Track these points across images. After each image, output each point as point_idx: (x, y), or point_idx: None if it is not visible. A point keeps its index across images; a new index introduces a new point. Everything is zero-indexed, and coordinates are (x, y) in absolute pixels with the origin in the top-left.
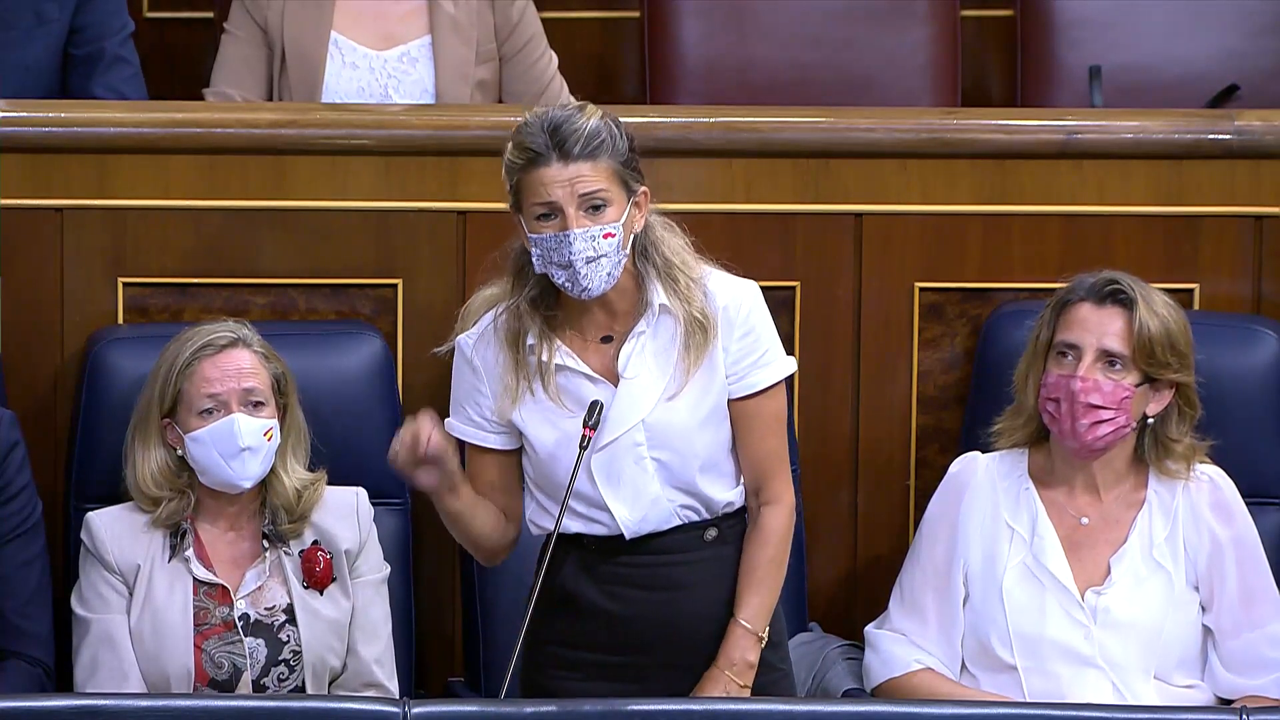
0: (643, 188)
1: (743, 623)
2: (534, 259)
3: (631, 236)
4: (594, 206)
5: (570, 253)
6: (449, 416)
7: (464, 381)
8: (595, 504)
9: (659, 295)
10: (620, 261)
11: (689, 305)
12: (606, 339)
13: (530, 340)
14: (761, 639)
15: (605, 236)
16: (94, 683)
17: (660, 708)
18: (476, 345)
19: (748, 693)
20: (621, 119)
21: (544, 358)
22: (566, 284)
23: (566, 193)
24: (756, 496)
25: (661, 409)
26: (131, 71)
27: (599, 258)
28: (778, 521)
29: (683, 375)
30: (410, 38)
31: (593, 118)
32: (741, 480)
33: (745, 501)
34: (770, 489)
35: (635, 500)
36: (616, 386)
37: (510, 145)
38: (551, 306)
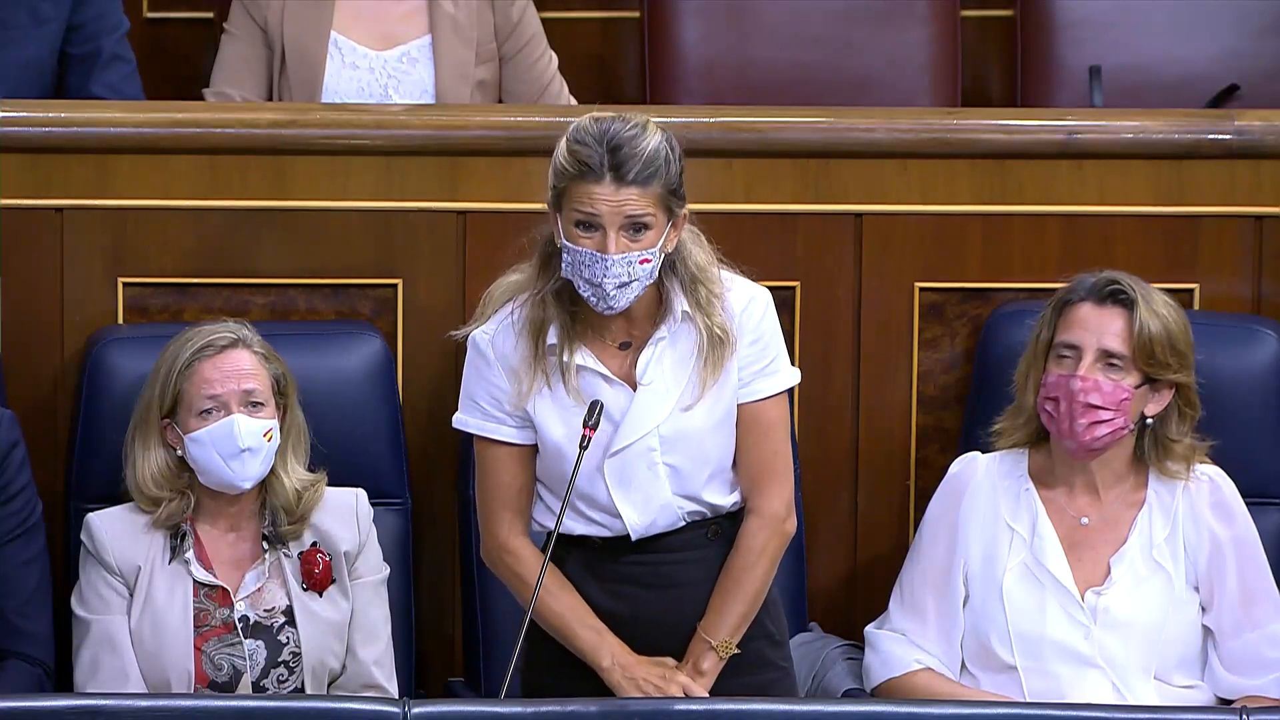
0: (684, 210)
1: (699, 630)
2: (564, 264)
3: (663, 255)
4: (635, 229)
5: (605, 275)
6: (458, 412)
7: (477, 375)
8: (605, 509)
9: (682, 303)
10: (647, 284)
11: (710, 318)
12: (625, 345)
13: (552, 339)
14: (715, 646)
15: (642, 262)
16: (94, 683)
17: (660, 708)
18: (494, 339)
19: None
20: None
21: (565, 358)
22: (591, 298)
23: (613, 213)
24: (746, 505)
25: (677, 417)
26: (129, 69)
27: (630, 282)
28: (750, 532)
29: (699, 386)
30: (410, 38)
31: (653, 138)
32: None
33: None
34: (755, 497)
35: (645, 505)
36: (634, 391)
37: (565, 148)
38: (575, 301)
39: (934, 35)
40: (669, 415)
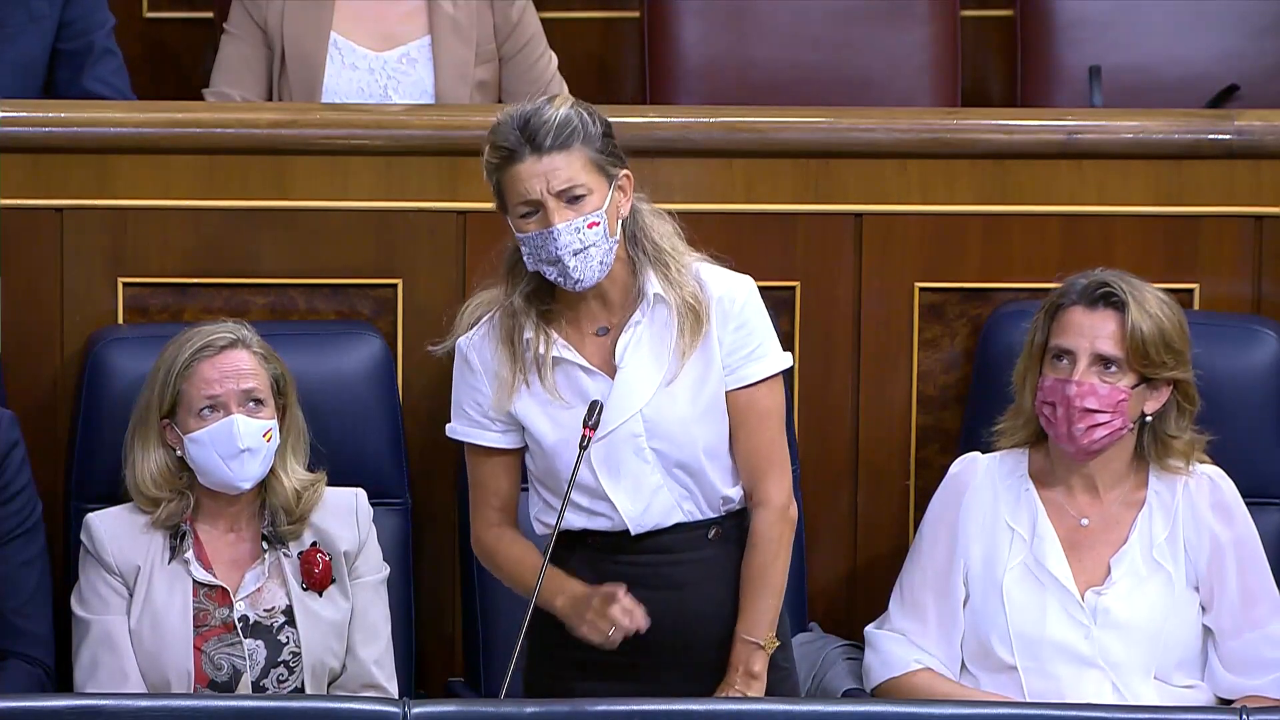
0: (624, 171)
1: (741, 634)
2: (525, 258)
3: (619, 222)
4: (574, 198)
5: (556, 248)
6: (450, 421)
7: (463, 382)
8: (598, 496)
9: (653, 284)
10: (611, 249)
11: (681, 291)
12: (603, 331)
13: (527, 335)
14: (763, 644)
15: (589, 226)
16: (94, 683)
17: (660, 708)
18: (474, 344)
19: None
20: (621, 119)
21: (541, 350)
22: (559, 279)
23: (543, 186)
24: (750, 498)
25: (659, 399)
26: (118, 64)
27: (586, 248)
28: (764, 525)
29: (678, 360)
30: (410, 38)
31: (561, 107)
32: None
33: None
34: (760, 489)
35: (636, 491)
36: (613, 378)
37: (487, 147)
38: (547, 300)
39: (934, 35)
40: (651, 398)
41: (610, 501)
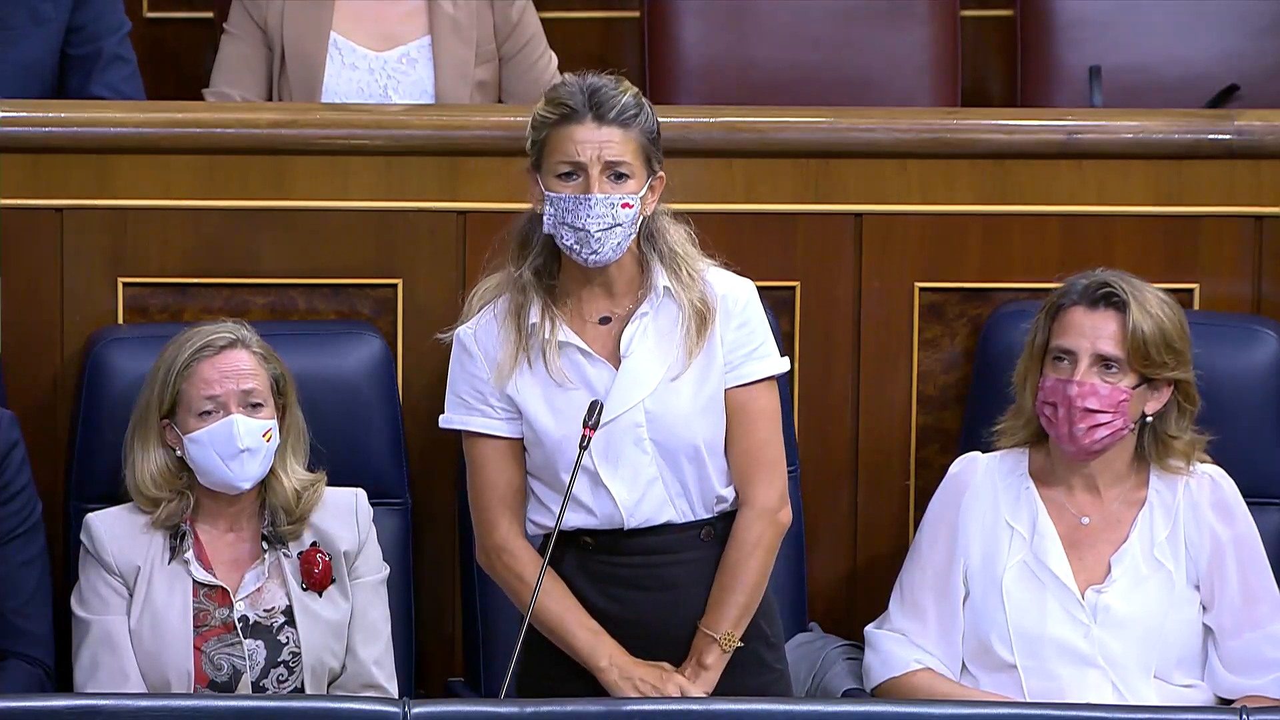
0: (661, 172)
1: (701, 626)
2: (545, 218)
3: (641, 217)
4: (618, 175)
5: (588, 216)
6: (444, 413)
7: (461, 370)
8: (596, 482)
9: (663, 279)
10: (630, 235)
11: (690, 293)
12: (604, 320)
13: (533, 319)
14: (719, 639)
15: (623, 206)
16: (94, 683)
17: (660, 708)
18: (477, 333)
19: (703, 692)
20: None
21: (547, 335)
22: (575, 246)
23: (594, 155)
24: (739, 496)
25: (662, 392)
26: (130, 70)
27: (614, 226)
28: (743, 524)
29: (685, 358)
30: (410, 38)
31: (629, 92)
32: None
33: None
34: (747, 489)
35: (633, 481)
36: (616, 368)
37: (544, 101)
38: (554, 275)
39: (934, 35)
40: (655, 389)
41: (607, 489)
